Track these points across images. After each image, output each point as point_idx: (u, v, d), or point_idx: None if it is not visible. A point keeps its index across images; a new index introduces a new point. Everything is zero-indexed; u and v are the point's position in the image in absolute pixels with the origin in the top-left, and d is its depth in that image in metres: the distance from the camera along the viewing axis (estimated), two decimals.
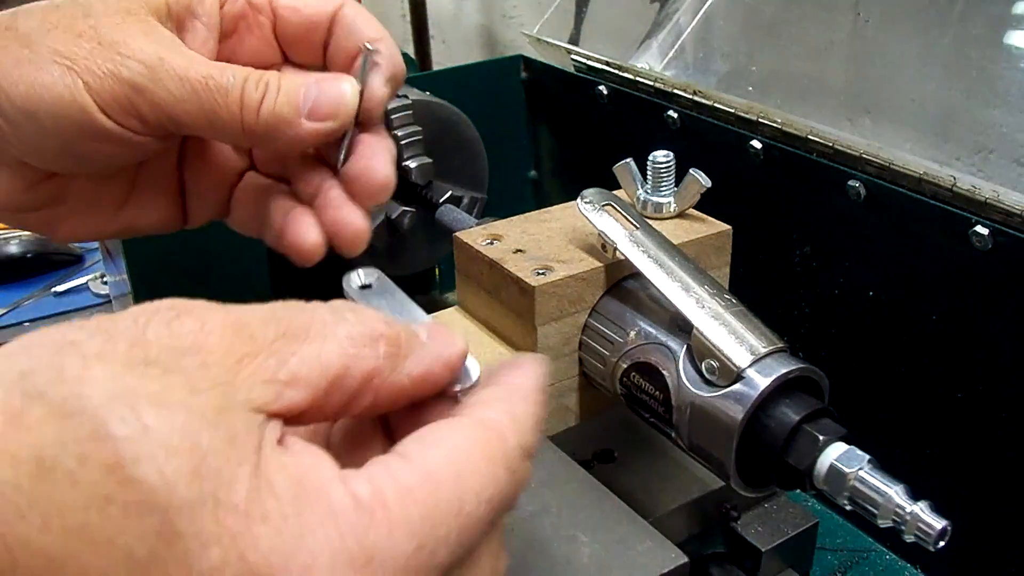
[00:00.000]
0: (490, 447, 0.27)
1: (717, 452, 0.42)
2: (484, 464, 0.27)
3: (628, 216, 0.49)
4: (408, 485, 0.25)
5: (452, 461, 0.26)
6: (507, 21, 1.50)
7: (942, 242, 0.58)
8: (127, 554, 0.21)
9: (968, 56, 0.71)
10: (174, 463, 0.21)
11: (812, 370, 0.42)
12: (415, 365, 0.29)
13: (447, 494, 0.25)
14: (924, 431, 0.63)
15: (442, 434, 0.27)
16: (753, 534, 0.52)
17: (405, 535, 0.24)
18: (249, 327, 0.25)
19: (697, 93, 0.78)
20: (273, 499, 0.22)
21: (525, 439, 0.29)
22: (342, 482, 0.24)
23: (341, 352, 0.27)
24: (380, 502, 0.24)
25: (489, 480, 0.26)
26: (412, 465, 0.25)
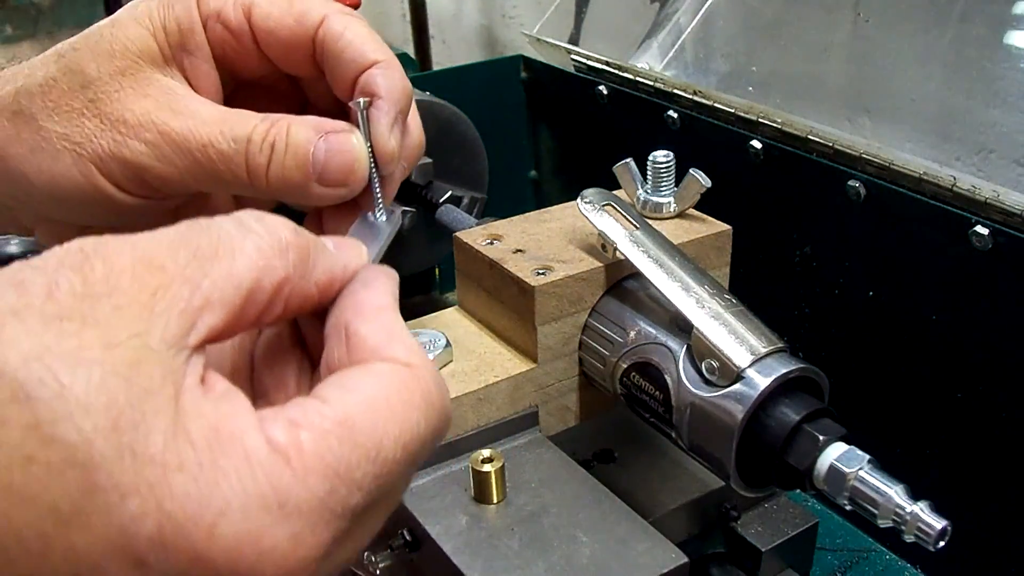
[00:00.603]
0: (408, 390, 0.27)
1: (717, 452, 0.42)
2: (401, 409, 0.27)
3: (628, 216, 0.49)
4: (324, 429, 0.25)
5: (370, 406, 0.26)
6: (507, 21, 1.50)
7: (942, 242, 0.58)
8: (52, 509, 0.21)
9: (968, 56, 0.71)
10: (91, 420, 0.22)
11: (812, 370, 0.42)
12: (322, 273, 0.30)
13: (363, 439, 0.26)
14: (924, 431, 0.63)
15: (361, 379, 0.27)
16: (753, 534, 0.52)
17: (319, 479, 0.24)
18: (158, 258, 0.25)
19: (697, 93, 0.78)
20: (189, 447, 0.23)
21: (434, 372, 0.29)
22: (258, 427, 0.24)
23: (252, 265, 0.27)
24: (295, 446, 0.24)
25: (407, 424, 0.27)
26: (330, 409, 0.26)
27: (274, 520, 0.23)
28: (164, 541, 0.22)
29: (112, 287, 0.24)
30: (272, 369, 0.33)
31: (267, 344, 0.34)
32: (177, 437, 0.23)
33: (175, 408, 0.23)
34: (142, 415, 0.23)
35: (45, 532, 0.22)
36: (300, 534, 0.24)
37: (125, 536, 0.22)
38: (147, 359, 0.23)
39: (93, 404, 0.22)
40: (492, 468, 0.45)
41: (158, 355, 0.24)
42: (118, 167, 0.40)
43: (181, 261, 0.26)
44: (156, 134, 0.40)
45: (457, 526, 0.44)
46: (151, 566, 0.22)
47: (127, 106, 0.40)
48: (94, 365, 0.22)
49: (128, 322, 0.24)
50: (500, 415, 0.49)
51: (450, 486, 0.46)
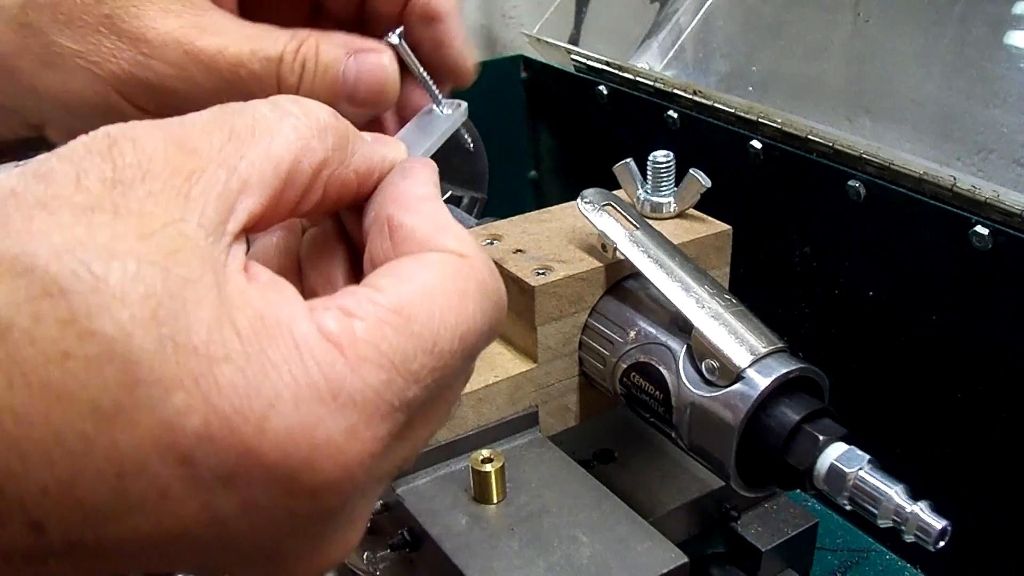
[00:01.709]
0: (462, 279, 0.26)
1: (717, 452, 0.42)
2: (457, 298, 0.26)
3: (628, 216, 0.49)
4: (379, 318, 0.24)
5: (425, 295, 0.25)
6: (507, 21, 1.50)
7: (942, 242, 0.58)
8: (92, 406, 0.20)
9: (968, 56, 0.71)
10: (129, 311, 0.21)
11: (812, 370, 0.42)
12: (361, 161, 0.29)
13: (420, 328, 0.24)
14: (924, 431, 0.63)
15: (415, 268, 0.26)
16: (753, 534, 0.52)
17: (374, 369, 0.23)
18: (191, 140, 0.24)
19: (697, 93, 0.78)
20: (235, 337, 0.22)
21: (487, 258, 0.28)
22: (308, 316, 0.23)
23: (290, 146, 0.26)
24: (349, 335, 0.23)
25: (465, 316, 0.26)
26: (384, 297, 0.25)
27: (328, 412, 0.22)
28: (211, 436, 0.21)
29: (144, 172, 0.23)
30: (319, 268, 0.32)
31: (312, 243, 0.32)
32: (222, 326, 0.22)
33: (217, 296, 0.22)
34: (183, 304, 0.21)
35: (86, 431, 0.20)
36: (355, 427, 0.23)
37: (170, 432, 0.21)
38: (185, 247, 0.22)
39: (130, 295, 0.21)
40: (492, 468, 0.45)
41: (196, 242, 0.23)
42: (139, 89, 0.37)
43: (216, 143, 0.24)
44: (182, 54, 0.37)
45: (457, 526, 0.44)
46: (198, 462, 0.21)
47: (148, 23, 0.37)
48: (128, 256, 0.21)
49: (163, 209, 0.23)
50: (500, 415, 0.49)
51: (450, 486, 0.46)
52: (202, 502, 0.22)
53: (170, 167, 0.23)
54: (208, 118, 0.25)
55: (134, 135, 0.24)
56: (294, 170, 0.26)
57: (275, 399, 0.22)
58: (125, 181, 0.23)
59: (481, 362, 0.50)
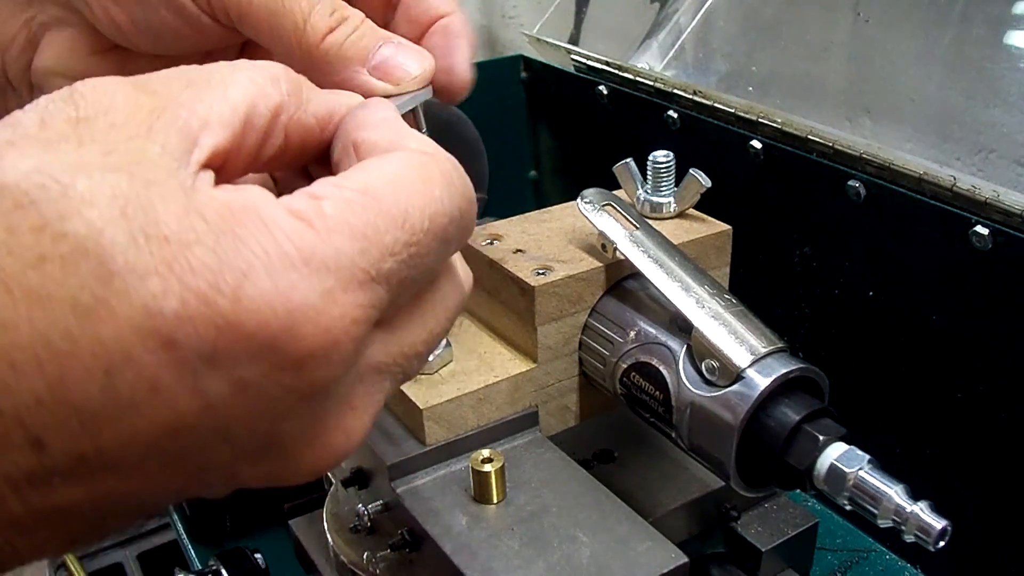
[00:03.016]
0: (426, 168, 0.27)
1: (717, 452, 0.42)
2: (422, 184, 0.27)
3: (628, 216, 0.49)
4: (346, 197, 0.25)
5: (390, 180, 0.26)
6: (507, 21, 1.50)
7: (942, 242, 0.58)
8: (72, 303, 0.21)
9: (968, 56, 0.71)
10: (97, 211, 0.22)
11: (812, 370, 0.42)
12: (319, 105, 0.30)
13: (388, 206, 0.25)
14: (924, 431, 0.63)
15: (379, 162, 0.27)
16: (753, 534, 0.52)
17: (346, 240, 0.24)
18: (150, 84, 0.25)
19: (697, 93, 0.78)
20: (203, 223, 0.22)
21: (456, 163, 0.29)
22: (274, 199, 0.24)
23: (245, 90, 0.27)
24: (317, 211, 0.24)
25: (430, 198, 0.26)
26: (350, 182, 0.25)
27: (301, 277, 0.23)
28: (190, 315, 0.22)
29: (106, 109, 0.24)
30: None
31: None
32: (189, 215, 0.22)
33: (184, 195, 0.23)
34: (149, 201, 0.22)
35: (69, 329, 0.21)
36: (332, 290, 0.23)
37: (150, 317, 0.21)
38: (148, 159, 0.23)
39: (97, 196, 0.22)
40: (492, 468, 0.45)
41: (160, 158, 0.24)
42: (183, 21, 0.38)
43: (175, 89, 0.25)
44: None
45: (457, 526, 0.44)
46: (180, 344, 0.22)
47: None
48: (93, 167, 0.22)
49: (126, 138, 0.24)
50: (500, 415, 0.49)
51: (450, 486, 0.46)
52: (191, 387, 0.22)
53: (131, 106, 0.24)
54: (167, 72, 0.26)
55: (95, 83, 0.25)
56: (251, 112, 0.27)
57: (247, 270, 0.22)
58: (88, 118, 0.24)
59: (481, 362, 0.50)
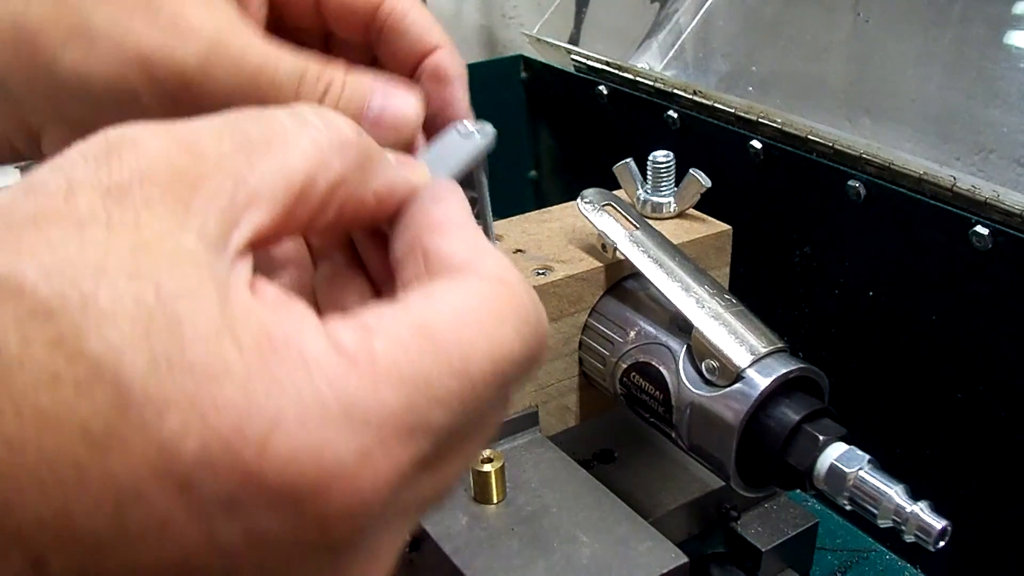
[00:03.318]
0: (499, 305, 0.24)
1: (717, 452, 0.42)
2: (491, 323, 0.24)
3: (628, 216, 0.49)
4: (402, 336, 0.22)
5: (456, 316, 0.23)
6: (507, 21, 1.50)
7: (942, 242, 0.58)
8: (83, 431, 0.19)
9: (968, 56, 0.71)
10: (118, 329, 0.20)
11: (812, 370, 0.42)
12: (382, 183, 0.27)
13: (448, 349, 0.22)
14: (924, 431, 0.63)
15: (448, 289, 0.24)
16: (753, 534, 0.52)
17: (393, 389, 0.21)
18: (198, 144, 0.23)
19: (697, 93, 0.78)
20: (235, 351, 0.20)
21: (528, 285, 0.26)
22: (321, 331, 0.21)
23: (307, 159, 0.24)
24: (367, 352, 0.21)
25: (498, 341, 0.23)
26: (410, 315, 0.23)
27: (338, 432, 0.20)
28: (210, 460, 0.20)
29: (143, 177, 0.22)
30: (337, 304, 0.30)
31: (327, 278, 0.31)
32: (221, 340, 0.20)
33: (217, 309, 0.20)
34: (177, 319, 0.20)
35: (79, 458, 0.19)
36: (369, 449, 0.21)
37: (166, 456, 0.19)
38: (181, 260, 0.21)
39: (119, 312, 0.20)
40: (492, 468, 0.44)
41: (194, 255, 0.21)
42: (162, 71, 0.36)
43: (225, 150, 0.23)
44: (213, 43, 0.36)
45: (457, 526, 0.44)
46: (197, 488, 0.20)
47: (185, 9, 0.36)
48: (119, 272, 0.20)
49: (159, 220, 0.21)
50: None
51: None
52: (204, 530, 0.20)
53: (172, 172, 0.22)
54: (221, 123, 0.24)
55: (135, 137, 0.22)
56: (308, 185, 0.24)
57: (278, 418, 0.20)
58: (121, 188, 0.21)
59: None
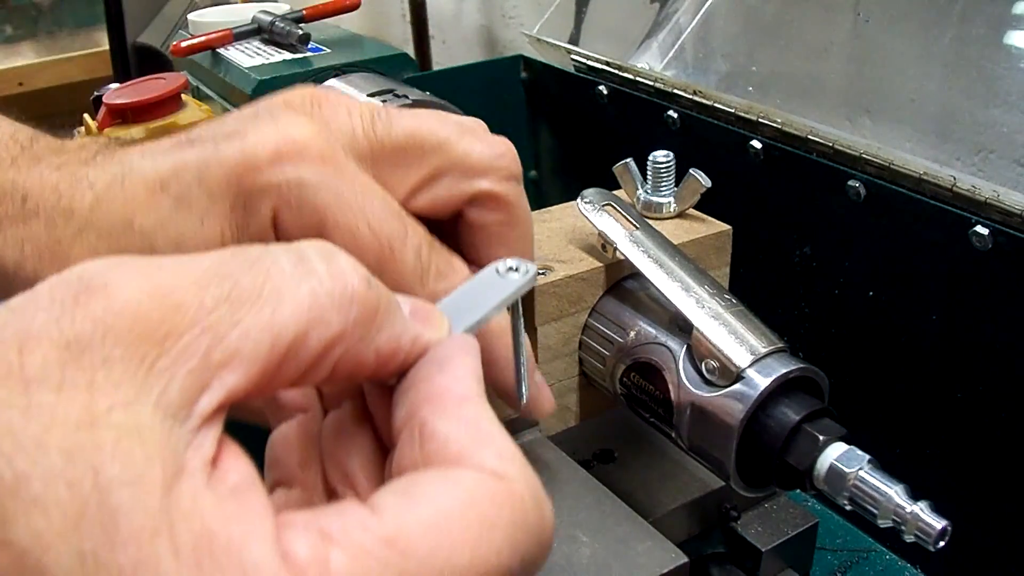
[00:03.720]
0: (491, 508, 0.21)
1: (717, 452, 0.42)
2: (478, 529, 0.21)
3: (628, 216, 0.49)
4: (364, 548, 0.20)
5: (434, 524, 0.20)
6: (507, 21, 1.50)
7: (942, 242, 0.58)
8: None
9: (968, 56, 0.71)
10: (48, 519, 0.18)
11: (812, 370, 0.42)
12: (386, 341, 0.24)
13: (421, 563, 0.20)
14: (924, 431, 0.63)
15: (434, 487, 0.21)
16: (753, 534, 0.52)
17: None
18: (178, 292, 0.21)
19: (697, 93, 0.78)
20: (170, 555, 0.18)
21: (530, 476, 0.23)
22: (271, 536, 0.19)
23: (300, 315, 0.22)
24: (320, 566, 0.19)
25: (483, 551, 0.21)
26: (379, 522, 0.20)
27: None
28: None
29: (105, 331, 0.20)
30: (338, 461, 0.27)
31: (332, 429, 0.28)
32: (156, 541, 0.18)
33: (160, 503, 0.19)
34: (111, 513, 0.18)
35: None
36: None
37: None
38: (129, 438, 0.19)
39: (51, 499, 0.18)
40: None
41: (145, 432, 0.19)
42: None
43: (208, 302, 0.21)
44: None
45: None
46: None
47: None
48: (58, 452, 0.18)
49: (115, 385, 0.19)
50: (500, 415, 0.49)
51: None
52: None
53: (140, 326, 0.20)
54: (209, 265, 0.21)
55: (107, 280, 0.20)
56: (298, 343, 0.22)
57: None
58: (81, 342, 0.20)
59: None
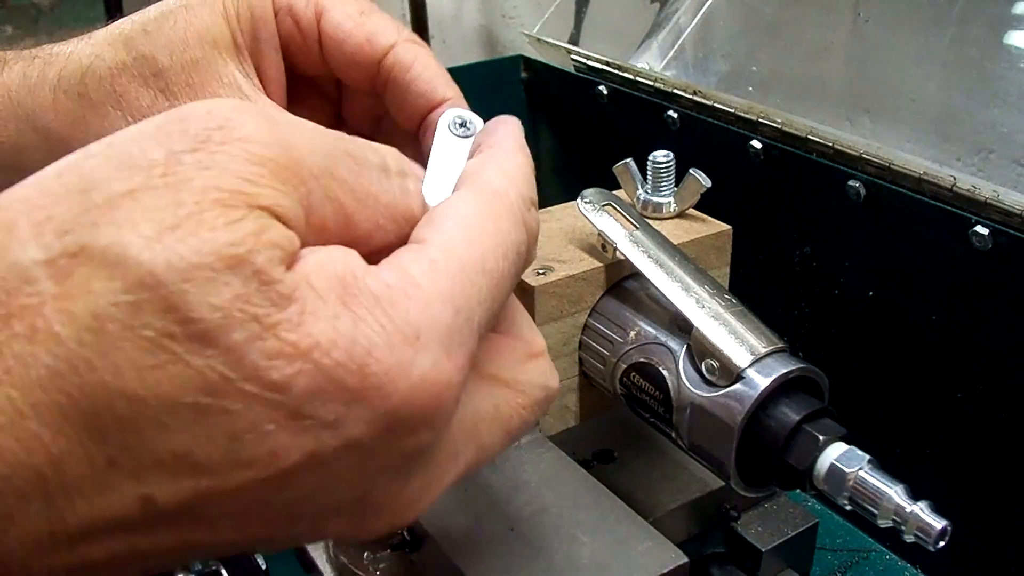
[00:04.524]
0: (493, 207, 0.29)
1: (717, 452, 0.42)
2: (492, 223, 0.29)
3: (628, 216, 0.49)
4: (432, 259, 0.26)
5: (464, 228, 0.28)
6: (507, 21, 1.50)
7: (942, 242, 0.58)
8: (201, 383, 0.22)
9: (968, 56, 0.71)
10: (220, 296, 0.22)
11: (812, 370, 0.42)
12: None
13: (467, 257, 0.27)
14: (924, 431, 0.63)
15: (448, 210, 0.29)
16: (753, 534, 0.52)
17: (442, 305, 0.26)
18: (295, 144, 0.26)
19: (697, 93, 0.78)
20: (319, 300, 0.24)
21: (522, 190, 0.31)
22: (374, 271, 0.25)
23: None
24: (411, 282, 0.25)
25: (501, 236, 0.29)
26: (430, 244, 0.27)
27: (416, 352, 0.25)
28: (318, 390, 0.23)
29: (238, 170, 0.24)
30: None
31: None
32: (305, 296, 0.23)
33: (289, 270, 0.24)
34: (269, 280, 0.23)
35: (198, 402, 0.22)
36: (439, 360, 0.25)
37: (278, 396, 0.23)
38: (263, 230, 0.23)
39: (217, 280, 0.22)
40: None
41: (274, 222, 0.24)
42: None
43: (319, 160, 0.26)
44: None
45: (457, 526, 0.44)
46: (307, 415, 0.23)
47: None
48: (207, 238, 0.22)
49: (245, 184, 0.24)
50: None
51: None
52: (309, 448, 0.23)
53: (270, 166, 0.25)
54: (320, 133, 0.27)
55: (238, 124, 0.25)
56: None
57: (371, 347, 0.24)
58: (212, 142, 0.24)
59: None
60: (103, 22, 0.43)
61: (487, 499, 0.45)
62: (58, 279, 0.22)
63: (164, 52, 0.40)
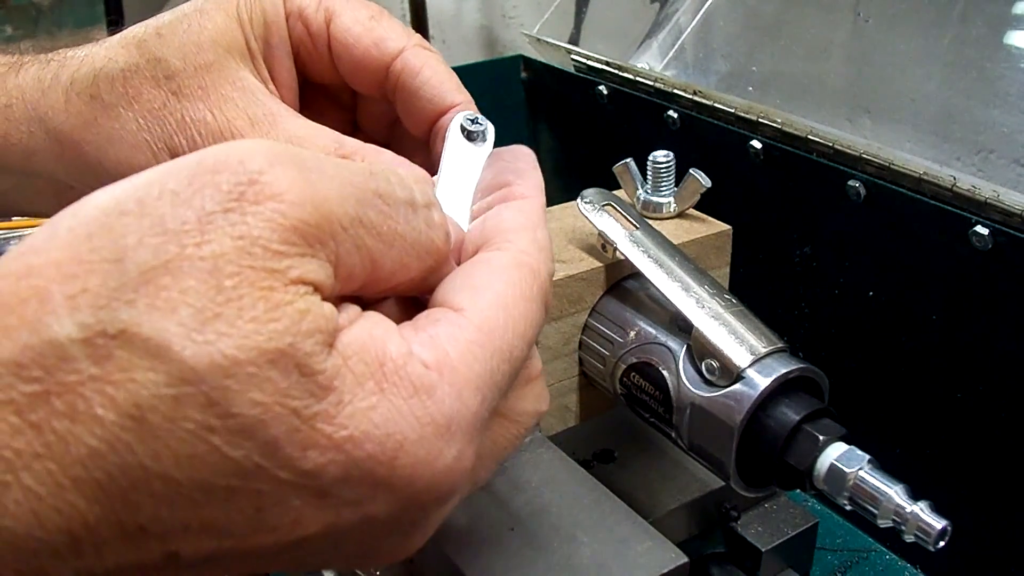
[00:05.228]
0: (530, 288, 0.30)
1: (717, 452, 0.42)
2: (524, 305, 0.29)
3: (628, 216, 0.49)
4: (469, 340, 0.27)
5: (502, 310, 0.28)
6: (507, 21, 1.50)
7: (942, 242, 0.58)
8: (235, 469, 0.23)
9: (968, 56, 0.71)
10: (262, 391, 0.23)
11: (812, 370, 0.42)
12: None
13: (500, 343, 0.28)
14: (924, 431, 0.63)
15: (488, 281, 0.29)
16: (753, 534, 0.52)
17: (472, 393, 0.26)
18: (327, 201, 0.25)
19: (697, 93, 0.78)
20: (358, 387, 0.24)
21: (551, 267, 0.32)
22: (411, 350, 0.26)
23: None
24: (448, 366, 0.26)
25: (529, 321, 0.29)
26: (468, 319, 0.28)
27: (444, 443, 0.25)
28: (347, 478, 0.24)
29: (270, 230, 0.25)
30: None
31: None
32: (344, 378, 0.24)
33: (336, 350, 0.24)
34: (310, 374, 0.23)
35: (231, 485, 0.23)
36: (463, 451, 0.26)
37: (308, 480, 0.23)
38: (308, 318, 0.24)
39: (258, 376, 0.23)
40: None
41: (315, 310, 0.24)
42: None
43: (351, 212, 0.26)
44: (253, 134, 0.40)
45: (457, 526, 0.44)
46: (334, 496, 0.24)
47: (209, 107, 0.40)
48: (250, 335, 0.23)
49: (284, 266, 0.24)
50: None
51: None
52: (329, 520, 0.25)
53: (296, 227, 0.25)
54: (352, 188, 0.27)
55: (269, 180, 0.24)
56: None
57: (404, 441, 0.25)
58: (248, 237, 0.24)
59: None
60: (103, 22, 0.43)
61: (487, 499, 0.45)
62: (96, 360, 0.22)
63: (177, 55, 0.40)
